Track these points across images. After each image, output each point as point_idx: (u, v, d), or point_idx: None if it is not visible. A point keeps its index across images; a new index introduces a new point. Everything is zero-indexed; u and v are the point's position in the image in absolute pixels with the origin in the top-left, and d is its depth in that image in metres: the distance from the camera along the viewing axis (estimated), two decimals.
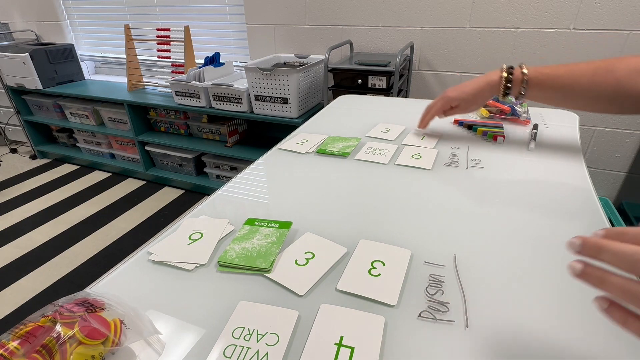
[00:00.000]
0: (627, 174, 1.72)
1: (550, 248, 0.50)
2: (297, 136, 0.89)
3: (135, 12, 2.43)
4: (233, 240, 0.53)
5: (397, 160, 0.76)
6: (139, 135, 2.30)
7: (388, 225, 0.56)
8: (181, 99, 2.02)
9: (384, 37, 1.83)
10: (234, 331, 0.39)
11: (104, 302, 0.38)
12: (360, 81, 1.63)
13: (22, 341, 0.32)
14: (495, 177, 0.68)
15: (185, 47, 2.12)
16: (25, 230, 1.95)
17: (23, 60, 2.33)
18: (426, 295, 0.43)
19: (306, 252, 0.50)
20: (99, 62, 2.81)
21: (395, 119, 0.98)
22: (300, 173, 0.73)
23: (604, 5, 1.44)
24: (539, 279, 0.45)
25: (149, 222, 2.01)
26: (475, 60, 1.71)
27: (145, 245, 0.53)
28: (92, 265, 1.70)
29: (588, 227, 0.54)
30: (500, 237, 0.52)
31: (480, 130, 0.88)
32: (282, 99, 1.78)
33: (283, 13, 1.97)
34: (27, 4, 2.66)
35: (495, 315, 0.40)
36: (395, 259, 0.48)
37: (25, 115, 2.63)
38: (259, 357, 0.36)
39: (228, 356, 0.36)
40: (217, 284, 0.46)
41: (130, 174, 2.50)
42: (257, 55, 2.14)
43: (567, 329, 0.38)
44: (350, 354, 0.36)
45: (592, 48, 1.52)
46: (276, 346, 0.37)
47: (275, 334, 0.38)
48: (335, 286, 0.44)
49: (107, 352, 0.35)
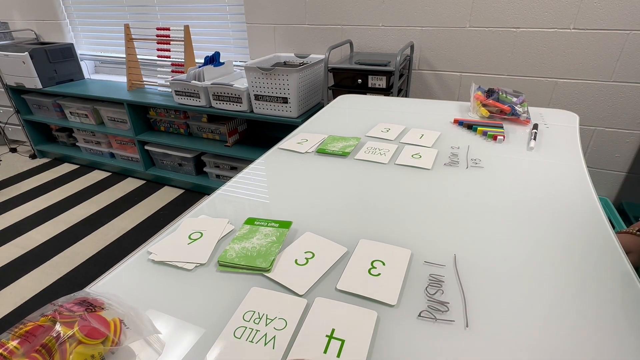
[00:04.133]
0: (627, 174, 1.72)
1: (550, 248, 0.50)
2: (297, 136, 0.89)
3: (135, 12, 2.42)
4: (233, 240, 0.52)
5: (397, 160, 0.75)
6: (139, 134, 2.29)
7: (388, 225, 0.56)
8: (181, 98, 2.01)
9: (384, 36, 1.83)
10: (244, 314, 0.41)
11: (103, 301, 0.38)
12: (360, 81, 1.63)
13: (21, 340, 0.32)
14: (495, 176, 0.68)
15: (185, 46, 2.12)
16: (24, 229, 1.95)
17: (23, 60, 2.32)
18: (426, 295, 0.43)
19: (306, 251, 0.50)
20: (99, 62, 2.81)
21: (395, 119, 0.98)
22: (300, 173, 0.73)
23: (604, 5, 1.44)
24: (539, 279, 0.44)
25: (148, 222, 2.00)
26: (475, 60, 1.71)
27: (145, 245, 0.53)
28: (91, 264, 1.69)
29: (588, 227, 0.54)
30: (500, 237, 0.52)
31: (480, 130, 0.88)
32: (282, 98, 1.77)
33: (283, 13, 1.97)
34: (26, 3, 2.66)
35: (495, 315, 0.40)
36: (395, 259, 0.48)
37: (25, 114, 2.62)
38: (266, 339, 0.38)
39: (238, 337, 0.38)
40: (217, 283, 0.46)
41: (130, 174, 2.50)
42: (257, 54, 2.14)
43: (567, 329, 0.38)
44: (340, 346, 0.37)
45: (592, 48, 1.52)
46: (284, 330, 0.38)
47: (284, 319, 0.40)
48: (335, 286, 0.44)
49: (106, 351, 0.35)
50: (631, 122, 1.60)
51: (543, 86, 1.64)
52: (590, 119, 1.63)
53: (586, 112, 1.63)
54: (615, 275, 0.45)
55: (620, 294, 0.42)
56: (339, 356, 0.35)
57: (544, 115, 0.99)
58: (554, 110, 1.03)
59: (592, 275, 0.45)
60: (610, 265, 0.46)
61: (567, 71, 1.59)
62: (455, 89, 1.81)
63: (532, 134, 0.85)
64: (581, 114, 1.61)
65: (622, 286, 0.43)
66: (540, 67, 1.62)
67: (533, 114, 0.99)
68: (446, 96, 1.85)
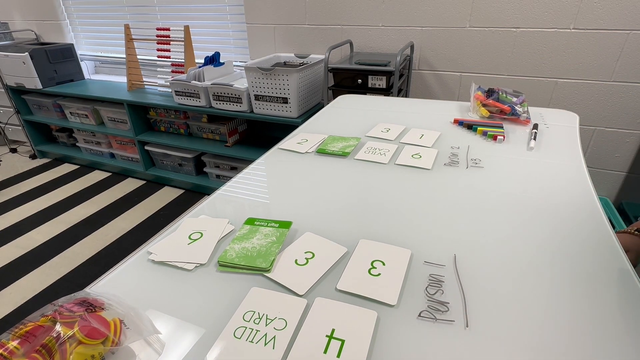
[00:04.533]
0: (627, 174, 1.72)
1: (550, 248, 0.50)
2: (297, 136, 0.89)
3: (135, 12, 2.42)
4: (233, 240, 0.52)
5: (397, 160, 0.75)
6: (139, 134, 2.29)
7: (388, 225, 0.56)
8: (181, 98, 2.01)
9: (384, 36, 1.83)
10: (244, 314, 0.40)
11: (103, 301, 0.38)
12: (360, 81, 1.63)
13: (21, 341, 0.32)
14: (495, 176, 0.68)
15: (185, 46, 2.12)
16: (25, 229, 1.95)
17: (23, 60, 2.32)
18: (426, 295, 0.43)
19: (306, 251, 0.50)
20: (99, 62, 2.81)
21: (395, 119, 0.98)
22: (300, 173, 0.73)
23: (604, 5, 1.44)
24: (539, 279, 0.44)
25: (148, 222, 2.00)
26: (475, 60, 1.71)
27: (145, 245, 0.53)
28: (91, 265, 1.69)
29: (588, 227, 0.54)
30: (500, 236, 0.52)
31: (480, 130, 0.88)
32: (282, 98, 1.77)
33: (283, 13, 1.97)
34: (26, 4, 2.66)
35: (495, 315, 0.40)
36: (395, 259, 0.48)
37: (25, 114, 2.62)
38: (266, 339, 0.38)
39: (238, 337, 0.38)
40: (217, 283, 0.46)
41: (130, 174, 2.50)
42: (257, 55, 2.14)
43: (566, 328, 0.38)
44: (340, 346, 0.37)
45: (592, 48, 1.52)
46: (284, 331, 0.39)
47: (284, 319, 0.40)
48: (335, 286, 0.44)
49: (106, 351, 0.35)
50: (631, 122, 1.60)
51: (543, 86, 1.64)
52: (590, 118, 1.63)
53: (586, 112, 1.63)
54: (615, 275, 0.45)
55: (620, 294, 0.42)
56: (339, 356, 0.35)
57: (544, 115, 0.99)
58: (554, 110, 1.03)
59: (592, 275, 0.45)
60: (610, 265, 0.46)
61: (567, 71, 1.59)
62: (455, 89, 1.81)
63: (532, 134, 0.85)
64: (581, 114, 1.61)
65: (622, 286, 0.43)
66: (540, 67, 1.62)
67: (533, 114, 0.99)
68: (446, 96, 1.85)
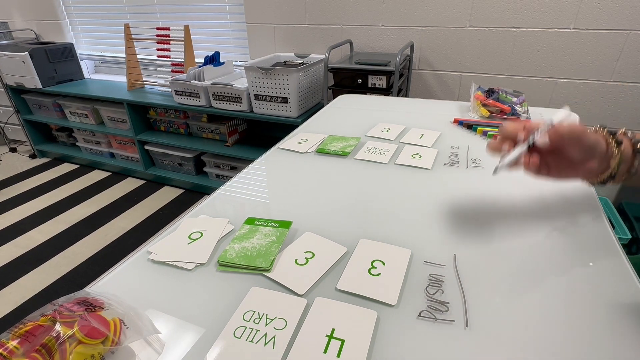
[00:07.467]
0: None
1: (550, 248, 0.50)
2: (297, 135, 0.89)
3: (135, 12, 2.42)
4: (233, 240, 0.52)
5: (397, 160, 0.75)
6: (139, 134, 2.29)
7: (388, 225, 0.56)
8: (181, 98, 2.01)
9: (384, 36, 1.83)
10: (244, 314, 0.40)
11: (103, 301, 0.38)
12: (360, 81, 1.63)
13: (21, 340, 0.32)
14: (495, 176, 0.68)
15: (185, 46, 2.12)
16: (24, 229, 1.95)
17: (23, 59, 2.32)
18: (426, 295, 0.43)
19: (306, 251, 0.50)
20: (99, 62, 2.81)
21: (395, 119, 0.98)
22: (300, 172, 0.73)
23: (604, 5, 1.44)
24: (539, 279, 0.44)
25: (148, 222, 2.00)
26: (475, 60, 1.71)
27: (145, 245, 0.53)
28: (91, 264, 1.69)
29: (588, 226, 0.54)
30: (500, 236, 0.52)
31: (480, 130, 0.88)
32: (282, 98, 1.77)
33: (283, 12, 1.96)
34: (26, 3, 2.66)
35: (495, 315, 0.40)
36: (395, 259, 0.48)
37: (25, 114, 2.62)
38: (266, 339, 0.37)
39: (238, 337, 0.38)
40: (217, 283, 0.46)
41: (130, 173, 2.50)
42: (257, 54, 2.14)
43: (566, 329, 0.38)
44: (340, 346, 0.37)
45: (592, 48, 1.52)
46: (284, 330, 0.38)
47: (284, 319, 0.40)
48: (335, 285, 0.44)
49: (106, 351, 0.35)
50: (631, 122, 1.60)
51: (543, 86, 1.64)
52: (589, 118, 1.63)
53: (586, 112, 1.63)
54: (615, 275, 0.45)
55: (620, 294, 0.42)
56: (339, 356, 0.35)
57: (544, 115, 0.99)
58: (554, 110, 1.03)
59: (592, 275, 0.45)
60: (610, 265, 0.46)
61: (567, 71, 1.58)
62: (455, 88, 1.81)
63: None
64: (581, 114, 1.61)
65: (622, 286, 0.43)
66: (540, 67, 1.62)
67: (533, 113, 0.99)
68: (446, 96, 1.85)
